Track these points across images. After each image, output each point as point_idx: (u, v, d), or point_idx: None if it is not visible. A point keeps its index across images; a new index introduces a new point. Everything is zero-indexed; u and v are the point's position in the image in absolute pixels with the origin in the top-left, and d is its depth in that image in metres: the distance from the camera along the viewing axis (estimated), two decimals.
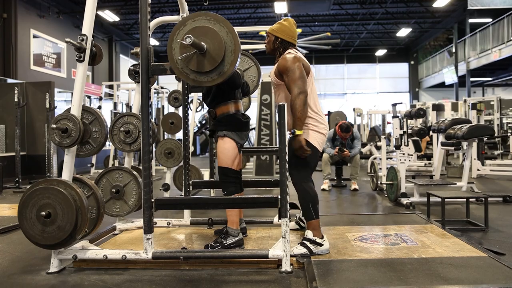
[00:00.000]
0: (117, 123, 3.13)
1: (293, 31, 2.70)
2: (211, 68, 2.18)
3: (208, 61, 2.17)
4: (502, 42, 12.70)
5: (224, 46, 2.16)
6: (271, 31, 2.70)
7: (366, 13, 15.64)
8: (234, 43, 2.18)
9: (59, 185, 2.26)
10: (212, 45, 2.16)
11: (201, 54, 2.16)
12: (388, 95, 20.24)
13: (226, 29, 2.19)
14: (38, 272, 2.37)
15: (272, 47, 2.71)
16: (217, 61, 2.16)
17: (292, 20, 2.75)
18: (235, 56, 2.17)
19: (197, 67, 2.19)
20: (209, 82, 2.22)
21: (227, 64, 2.18)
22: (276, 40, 2.68)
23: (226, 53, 2.17)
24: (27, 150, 7.49)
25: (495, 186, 5.83)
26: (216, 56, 2.16)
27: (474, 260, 2.31)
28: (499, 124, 9.59)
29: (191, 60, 2.18)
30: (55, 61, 11.70)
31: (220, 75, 2.19)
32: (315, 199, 2.54)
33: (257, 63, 3.39)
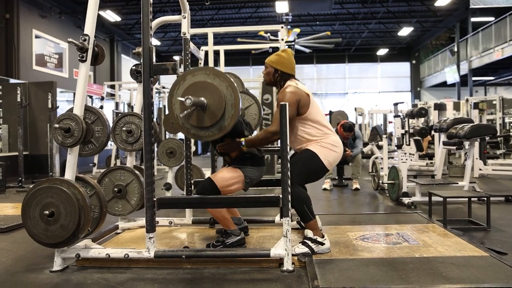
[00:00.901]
0: (119, 122, 3.15)
1: (292, 63, 2.73)
2: (211, 123, 2.21)
3: (208, 116, 2.21)
4: (504, 41, 12.66)
5: (224, 101, 2.19)
6: (270, 63, 2.72)
7: (367, 12, 15.61)
8: (234, 96, 2.20)
9: (62, 184, 2.28)
10: (212, 100, 2.20)
11: (201, 110, 2.20)
12: (389, 95, 20.20)
13: (226, 83, 2.22)
14: (42, 271, 2.39)
15: (272, 80, 2.73)
16: (217, 116, 2.20)
17: (290, 51, 2.80)
18: (235, 110, 2.20)
19: (197, 122, 2.22)
20: (209, 137, 2.26)
21: (228, 119, 2.21)
22: (276, 72, 2.70)
23: (226, 107, 2.20)
24: (30, 150, 7.51)
25: (497, 186, 5.82)
26: (216, 111, 2.19)
27: (476, 259, 2.31)
28: (501, 123, 9.58)
29: (191, 115, 2.21)
30: (57, 61, 11.73)
31: (220, 129, 2.23)
32: (308, 200, 2.56)
33: (257, 101, 3.44)
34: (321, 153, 2.60)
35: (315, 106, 2.68)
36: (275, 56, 2.73)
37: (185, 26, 3.13)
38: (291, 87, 2.61)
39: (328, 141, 2.64)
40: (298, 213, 2.56)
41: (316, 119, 2.65)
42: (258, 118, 3.41)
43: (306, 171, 2.58)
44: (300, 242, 2.54)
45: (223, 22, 16.27)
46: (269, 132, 2.54)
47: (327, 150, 2.61)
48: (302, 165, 2.57)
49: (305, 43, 13.25)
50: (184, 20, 3.14)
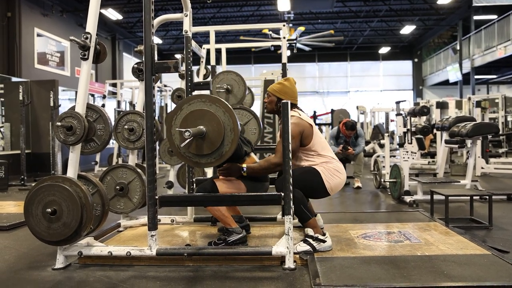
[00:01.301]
0: (121, 121, 3.15)
1: (294, 92, 2.74)
2: (211, 151, 2.23)
3: (207, 144, 2.23)
4: (507, 39, 12.61)
5: (223, 126, 2.21)
6: (274, 92, 2.72)
7: (369, 10, 15.58)
8: (232, 121, 2.22)
9: (64, 182, 2.28)
10: (211, 127, 2.22)
11: (200, 138, 2.22)
12: (391, 93, 20.18)
13: (223, 108, 2.23)
14: (44, 268, 2.39)
15: (275, 109, 2.74)
16: (217, 143, 2.22)
17: (292, 79, 2.79)
18: (235, 135, 2.22)
19: (198, 150, 2.24)
20: (211, 164, 2.28)
21: (228, 144, 2.23)
22: (279, 101, 2.70)
23: (225, 132, 2.22)
24: (32, 148, 7.54)
25: (499, 184, 5.81)
26: (215, 138, 2.22)
27: (478, 257, 2.31)
28: (504, 122, 9.55)
29: (191, 144, 2.23)
30: (59, 60, 11.74)
31: (221, 156, 2.25)
32: (304, 200, 2.56)
33: (256, 116, 3.44)
34: (323, 174, 2.60)
35: (318, 136, 2.68)
36: (278, 85, 2.73)
37: (187, 24, 3.13)
38: (294, 118, 2.61)
39: (333, 166, 2.64)
40: (296, 214, 2.54)
41: (319, 149, 2.66)
42: (258, 133, 3.41)
43: (303, 181, 2.55)
44: (302, 240, 2.54)
45: (225, 20, 16.26)
46: (271, 163, 2.56)
47: (330, 174, 2.61)
48: (301, 173, 2.57)
49: (307, 41, 13.24)
50: (186, 18, 3.13)
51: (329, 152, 2.70)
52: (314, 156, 2.66)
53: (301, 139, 2.61)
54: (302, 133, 2.60)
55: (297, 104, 2.76)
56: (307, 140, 2.63)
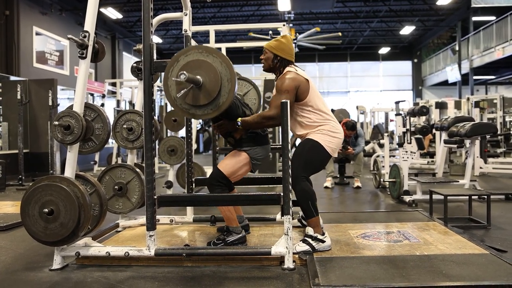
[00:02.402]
0: (119, 120, 3.14)
1: (291, 49, 2.72)
2: (208, 101, 2.19)
3: (204, 94, 2.19)
4: (505, 40, 12.63)
5: (220, 76, 2.17)
6: (270, 48, 2.70)
7: (369, 10, 15.58)
8: (230, 72, 2.19)
9: (61, 182, 2.27)
10: (208, 77, 2.18)
11: (197, 88, 2.18)
12: (391, 93, 20.17)
13: (220, 59, 2.20)
14: (41, 269, 2.38)
15: (272, 65, 2.71)
16: (214, 93, 2.18)
17: (289, 37, 2.77)
18: (232, 85, 2.19)
19: (194, 101, 2.20)
20: (208, 115, 2.24)
21: (225, 94, 2.19)
22: (275, 58, 2.68)
23: (222, 83, 2.18)
24: (30, 148, 7.51)
25: (497, 184, 5.81)
26: (213, 87, 2.18)
27: (476, 257, 2.31)
28: (502, 122, 9.55)
29: (187, 95, 2.19)
30: (58, 59, 11.72)
31: (218, 107, 2.21)
32: (313, 197, 2.55)
33: (255, 86, 3.42)
34: (323, 141, 2.59)
35: (315, 92, 2.66)
36: (275, 42, 2.70)
37: (187, 23, 3.12)
38: (290, 73, 2.60)
39: (328, 128, 2.62)
40: (301, 208, 2.56)
41: (315, 105, 2.63)
42: (257, 103, 3.38)
43: (311, 161, 2.57)
44: (301, 240, 2.53)
45: (225, 20, 16.24)
46: (264, 117, 2.54)
47: (328, 137, 2.60)
48: (306, 155, 2.56)
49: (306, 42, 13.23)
50: (186, 17, 3.13)
51: (325, 108, 2.67)
52: (310, 113, 2.63)
53: (297, 94, 2.58)
54: (298, 88, 2.57)
55: (293, 61, 2.73)
56: (303, 95, 2.60)
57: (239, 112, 2.66)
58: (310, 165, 2.59)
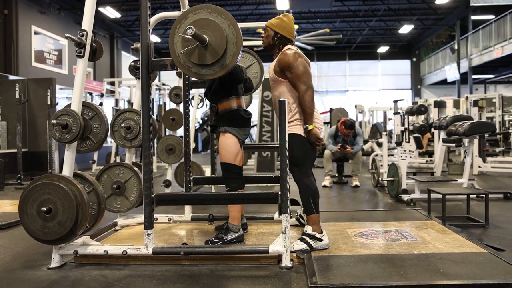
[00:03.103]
0: (118, 119, 3.14)
1: (292, 28, 2.71)
2: (213, 61, 2.16)
3: (210, 53, 2.16)
4: (504, 39, 12.64)
5: (226, 39, 2.15)
6: (271, 26, 2.69)
7: (368, 9, 15.58)
8: (236, 35, 2.17)
9: (59, 181, 2.27)
10: (214, 38, 2.15)
11: (202, 47, 2.16)
12: (390, 92, 20.19)
13: (228, 21, 2.18)
14: (39, 268, 2.38)
15: (272, 42, 2.71)
16: (219, 53, 2.15)
17: (291, 16, 2.76)
18: (237, 48, 2.16)
19: (199, 60, 2.17)
20: (211, 75, 2.21)
21: (229, 57, 2.17)
22: (276, 35, 2.68)
23: (228, 45, 2.16)
24: (29, 147, 7.50)
25: (496, 183, 5.82)
26: (218, 48, 2.15)
27: (474, 256, 2.31)
28: (501, 121, 9.56)
29: (193, 53, 2.17)
30: (57, 58, 11.70)
31: (222, 67, 2.18)
32: (316, 194, 2.56)
33: (259, 60, 3.39)
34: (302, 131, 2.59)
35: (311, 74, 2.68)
36: (276, 20, 2.71)
37: None
38: (292, 50, 2.60)
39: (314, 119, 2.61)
40: (302, 204, 2.58)
41: None
42: (259, 78, 3.37)
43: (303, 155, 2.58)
44: (299, 238, 2.54)
45: None
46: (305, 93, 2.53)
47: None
48: (296, 151, 2.55)
49: (305, 41, 13.22)
50: None
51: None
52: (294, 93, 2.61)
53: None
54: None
55: (293, 41, 2.73)
56: None
57: (242, 76, 2.68)
58: (303, 158, 2.59)
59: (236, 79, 2.65)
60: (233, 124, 2.70)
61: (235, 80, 2.66)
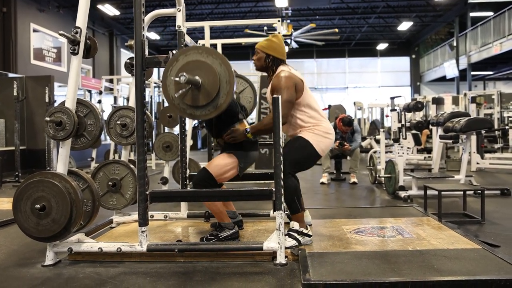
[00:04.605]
0: (113, 116, 3.13)
1: (283, 48, 2.72)
2: (206, 102, 2.19)
3: (203, 95, 2.18)
4: (503, 35, 12.61)
5: (219, 78, 2.17)
6: (262, 48, 2.70)
7: (367, 6, 15.54)
8: (229, 73, 2.18)
9: (53, 178, 2.27)
10: (207, 79, 2.17)
11: (196, 89, 2.18)
12: (389, 89, 20.14)
13: (219, 60, 2.20)
14: (34, 265, 2.38)
15: (264, 65, 2.72)
16: (213, 94, 2.17)
17: (280, 36, 2.78)
18: (230, 87, 2.18)
19: (192, 102, 2.20)
20: (206, 116, 2.23)
21: (223, 96, 2.19)
22: (267, 57, 2.69)
23: (221, 84, 2.18)
24: (27, 144, 7.50)
25: (493, 180, 5.82)
26: (211, 89, 2.17)
27: (468, 252, 2.31)
28: (499, 117, 9.56)
29: (186, 95, 2.19)
30: (56, 55, 11.68)
31: (216, 108, 2.20)
32: (298, 192, 2.58)
33: (251, 84, 3.43)
34: (313, 140, 2.60)
35: (308, 92, 2.67)
36: (266, 42, 2.71)
37: (180, 19, 3.10)
38: (285, 72, 2.61)
39: (321, 128, 2.63)
40: (287, 204, 2.56)
41: (309, 105, 2.64)
42: (253, 101, 3.40)
43: (299, 160, 2.58)
44: (286, 234, 2.51)
45: (223, 16, 16.20)
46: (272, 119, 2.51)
47: (319, 137, 2.61)
48: (295, 153, 2.56)
49: (305, 38, 13.21)
50: (179, 13, 3.11)
51: (318, 109, 2.69)
52: (303, 113, 2.63)
53: None
54: (296, 86, 2.58)
55: (285, 60, 2.73)
56: (298, 95, 2.61)
57: (237, 110, 2.66)
58: (297, 163, 2.58)
59: (232, 113, 2.62)
60: (240, 148, 2.68)
61: (231, 115, 2.63)
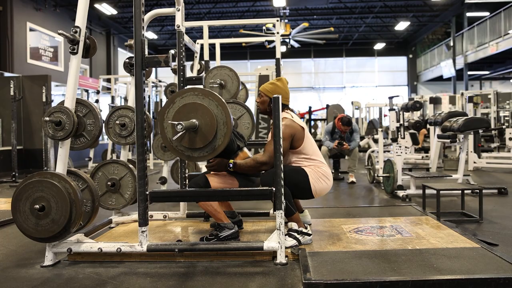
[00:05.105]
0: (112, 116, 3.12)
1: (287, 92, 2.74)
2: (204, 145, 2.22)
3: (200, 137, 2.21)
4: (499, 35, 12.69)
5: (216, 120, 2.19)
6: (266, 92, 2.71)
7: (364, 6, 15.57)
8: (225, 115, 2.20)
9: (53, 178, 2.26)
10: (204, 121, 2.20)
11: (193, 131, 2.20)
12: (386, 89, 20.24)
13: (216, 102, 2.22)
14: (33, 266, 2.37)
15: (268, 109, 2.73)
16: (210, 136, 2.20)
17: (285, 80, 2.79)
18: (228, 129, 2.21)
19: (189, 144, 2.22)
20: (203, 158, 2.25)
21: (221, 137, 2.22)
22: (271, 102, 2.67)
23: (218, 126, 2.20)
24: (24, 144, 7.47)
25: (491, 179, 5.85)
26: (208, 131, 2.20)
27: (467, 251, 2.32)
28: (496, 117, 9.61)
29: (183, 137, 2.21)
30: (52, 55, 11.63)
31: (214, 150, 2.23)
32: (290, 196, 2.58)
33: (249, 110, 3.44)
34: (310, 176, 2.61)
35: (309, 139, 2.69)
36: (271, 85, 2.72)
37: (179, 18, 3.09)
38: (286, 120, 2.61)
39: (321, 171, 2.65)
40: None
41: (309, 153, 2.66)
42: (251, 127, 3.42)
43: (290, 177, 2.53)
44: (286, 234, 2.52)
45: (220, 16, 16.19)
46: (258, 162, 2.56)
47: (317, 177, 2.63)
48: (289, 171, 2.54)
49: (302, 38, 13.22)
50: (178, 13, 3.10)
51: (319, 157, 2.71)
52: (303, 160, 2.67)
53: (292, 142, 2.61)
54: (294, 136, 2.61)
55: (288, 105, 2.75)
56: (298, 143, 2.63)
57: (234, 147, 2.66)
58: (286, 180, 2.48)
59: (228, 152, 2.60)
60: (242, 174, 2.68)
61: (229, 152, 2.61)
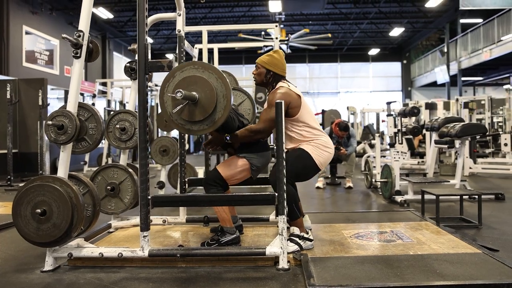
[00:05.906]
0: (112, 120, 3.11)
1: (283, 64, 2.74)
2: (203, 117, 2.21)
3: (200, 110, 2.20)
4: (492, 42, 12.84)
5: (216, 93, 2.19)
6: (263, 63, 2.71)
7: (359, 12, 15.70)
8: (225, 87, 2.20)
9: (54, 182, 2.24)
10: (204, 94, 2.19)
11: (193, 104, 2.19)
12: (381, 94, 20.35)
13: (215, 75, 2.22)
14: (33, 271, 2.34)
15: (264, 80, 2.73)
16: (210, 109, 2.19)
17: (281, 52, 2.79)
18: (227, 101, 2.20)
19: (189, 117, 2.21)
20: (203, 131, 2.24)
21: (220, 110, 2.21)
22: (268, 73, 2.70)
23: (218, 99, 2.20)
24: (19, 148, 7.40)
25: (486, 184, 5.90)
26: (208, 104, 2.19)
27: (469, 256, 2.34)
28: (489, 123, 9.70)
29: (183, 110, 2.20)
30: (48, 58, 11.57)
31: (213, 123, 2.22)
32: (295, 198, 2.59)
33: (250, 96, 3.44)
34: (313, 152, 2.61)
35: (306, 108, 2.69)
36: (267, 57, 2.72)
37: (180, 23, 3.10)
38: (283, 88, 2.62)
39: (320, 142, 2.65)
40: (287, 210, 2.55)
41: (307, 121, 2.66)
42: (252, 113, 3.41)
43: (297, 170, 2.57)
44: (288, 239, 2.51)
45: (216, 20, 16.23)
46: (252, 131, 2.57)
47: (319, 150, 2.63)
48: (294, 163, 2.56)
49: (298, 43, 13.28)
50: (179, 17, 3.11)
51: (316, 125, 2.70)
52: (301, 129, 2.65)
53: (288, 110, 2.59)
54: (289, 104, 2.59)
55: (285, 76, 2.76)
56: (295, 111, 2.62)
57: (235, 125, 2.64)
58: (296, 174, 2.56)
59: (228, 131, 2.59)
60: (252, 150, 2.66)
61: (228, 131, 2.59)
